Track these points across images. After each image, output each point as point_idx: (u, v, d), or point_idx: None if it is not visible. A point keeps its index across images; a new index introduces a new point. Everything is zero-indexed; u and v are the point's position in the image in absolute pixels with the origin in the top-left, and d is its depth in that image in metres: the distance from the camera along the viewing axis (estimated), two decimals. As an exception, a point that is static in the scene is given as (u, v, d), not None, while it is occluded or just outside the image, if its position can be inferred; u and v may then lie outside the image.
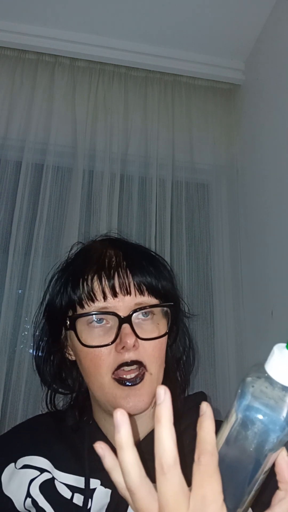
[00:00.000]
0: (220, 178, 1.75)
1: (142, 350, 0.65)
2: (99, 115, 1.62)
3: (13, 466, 0.70)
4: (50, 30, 1.60)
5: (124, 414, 0.40)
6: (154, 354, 0.66)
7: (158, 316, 0.69)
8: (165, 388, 0.40)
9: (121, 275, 0.66)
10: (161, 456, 0.38)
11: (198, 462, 0.39)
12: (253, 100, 1.67)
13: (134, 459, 0.39)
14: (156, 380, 0.66)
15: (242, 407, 0.40)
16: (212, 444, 0.39)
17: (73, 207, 1.50)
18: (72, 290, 0.68)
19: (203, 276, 1.60)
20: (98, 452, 0.42)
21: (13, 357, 1.35)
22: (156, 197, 1.58)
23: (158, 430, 0.39)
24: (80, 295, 0.66)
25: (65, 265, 0.76)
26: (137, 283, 0.67)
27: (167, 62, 1.69)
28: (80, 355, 0.67)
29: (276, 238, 1.38)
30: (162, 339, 0.68)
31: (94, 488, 0.65)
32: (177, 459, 0.38)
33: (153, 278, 0.68)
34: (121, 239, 0.79)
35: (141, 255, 0.72)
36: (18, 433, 0.76)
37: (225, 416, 0.44)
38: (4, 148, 1.54)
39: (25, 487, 0.67)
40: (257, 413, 0.39)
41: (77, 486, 0.66)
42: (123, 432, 0.39)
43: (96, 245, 0.75)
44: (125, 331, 0.63)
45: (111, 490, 0.64)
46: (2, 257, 1.45)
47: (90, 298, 0.66)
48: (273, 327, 1.35)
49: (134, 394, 0.63)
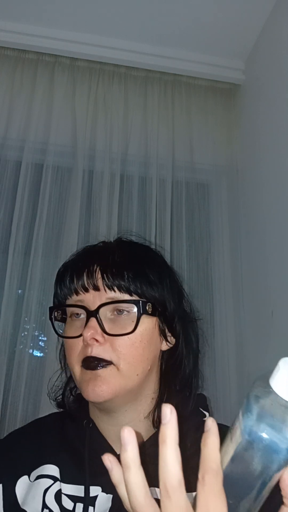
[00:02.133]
0: (220, 178, 1.75)
1: (108, 347, 0.65)
2: (99, 115, 1.62)
3: (27, 479, 0.69)
4: (50, 30, 1.60)
5: (131, 432, 0.39)
6: (122, 351, 0.65)
7: (133, 314, 0.67)
8: (171, 407, 0.39)
9: (92, 271, 0.69)
10: (166, 478, 0.37)
11: (202, 481, 0.38)
12: (253, 100, 1.67)
13: (140, 480, 0.39)
14: (126, 377, 0.65)
15: (248, 426, 0.39)
16: (216, 463, 0.38)
17: (73, 207, 1.50)
18: (58, 287, 0.72)
19: (203, 276, 1.59)
20: (106, 464, 0.42)
21: (13, 357, 1.35)
22: (156, 197, 1.58)
23: (162, 451, 0.38)
24: (60, 291, 0.71)
25: None
26: (107, 279, 0.68)
27: (167, 62, 1.69)
28: None
29: (276, 238, 1.38)
30: (135, 337, 0.66)
31: (96, 496, 0.64)
32: (182, 481, 0.38)
33: (125, 282, 0.68)
34: (124, 243, 0.79)
35: (126, 257, 0.72)
36: (25, 442, 0.74)
37: (229, 428, 0.43)
38: (4, 148, 1.53)
39: (40, 497, 0.66)
40: (263, 433, 0.38)
41: (78, 495, 0.65)
42: (129, 451, 0.39)
43: (87, 249, 0.78)
44: (88, 324, 0.65)
45: (112, 495, 0.64)
46: (2, 257, 1.44)
47: (67, 293, 0.70)
48: (273, 327, 1.35)
49: (95, 379, 0.64)
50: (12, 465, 0.70)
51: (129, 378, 0.66)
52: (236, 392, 1.48)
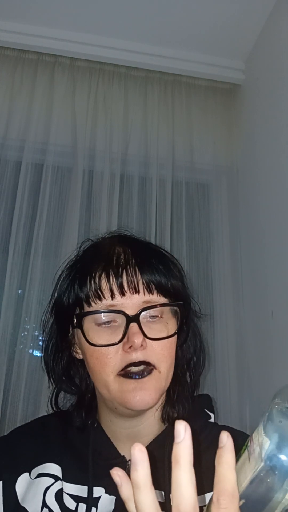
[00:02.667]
0: (220, 178, 1.75)
1: (150, 350, 0.63)
2: (99, 115, 1.62)
3: (28, 476, 0.68)
4: (50, 30, 1.59)
5: (142, 450, 0.37)
6: (163, 353, 0.65)
7: (167, 316, 0.67)
8: (186, 424, 0.37)
9: (130, 272, 0.65)
10: (179, 503, 0.36)
11: (217, 504, 0.36)
12: (253, 100, 1.67)
13: (151, 500, 0.37)
14: (165, 379, 0.65)
15: (269, 450, 0.37)
16: (233, 485, 0.36)
17: (73, 207, 1.50)
18: (80, 288, 0.67)
19: (203, 276, 1.59)
20: (115, 480, 0.40)
21: (13, 357, 1.35)
22: (156, 197, 1.58)
23: (176, 473, 0.36)
24: (87, 292, 0.65)
25: (73, 262, 0.74)
26: (146, 281, 0.65)
27: (167, 62, 1.69)
28: (87, 353, 0.66)
29: (276, 238, 1.38)
30: (171, 339, 0.66)
31: (99, 496, 0.64)
32: (196, 506, 0.36)
33: (162, 277, 0.67)
34: (131, 236, 0.78)
35: (150, 253, 0.71)
36: (27, 439, 0.74)
37: (246, 443, 0.41)
38: (4, 148, 1.53)
39: (40, 496, 0.66)
40: (286, 457, 0.36)
41: (81, 495, 0.65)
42: (140, 471, 0.37)
43: (104, 242, 0.74)
44: (132, 330, 0.62)
45: (116, 497, 0.63)
46: (2, 257, 1.44)
47: (97, 296, 0.64)
48: (273, 327, 1.35)
49: (141, 387, 0.62)
50: (13, 462, 0.70)
51: (167, 379, 0.66)
52: (236, 392, 1.48)
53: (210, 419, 0.75)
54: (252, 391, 1.45)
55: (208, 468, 0.40)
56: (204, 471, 0.43)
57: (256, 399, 1.42)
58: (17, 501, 0.66)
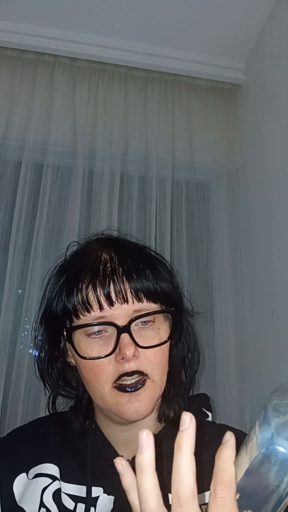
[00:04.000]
0: (220, 178, 1.75)
1: (143, 359, 0.63)
2: (99, 115, 1.62)
3: (25, 476, 0.68)
4: (50, 30, 1.60)
5: (150, 435, 0.38)
6: (156, 361, 0.64)
7: (159, 320, 0.66)
8: (191, 416, 0.38)
9: (117, 282, 0.63)
10: (179, 487, 0.37)
11: (214, 494, 0.37)
12: (253, 100, 1.67)
13: (154, 485, 0.38)
14: (159, 386, 0.65)
15: (264, 439, 0.38)
16: (230, 476, 0.37)
17: (73, 207, 1.50)
18: (67, 299, 0.65)
19: (203, 276, 1.59)
20: (118, 469, 0.41)
21: (13, 357, 1.35)
22: (156, 197, 1.58)
23: (177, 458, 0.37)
24: (75, 305, 0.64)
25: (61, 268, 0.73)
26: (134, 290, 0.64)
27: (167, 62, 1.69)
28: (80, 364, 0.66)
29: (277, 238, 1.38)
30: (164, 345, 0.66)
31: (97, 496, 0.64)
32: (195, 491, 0.37)
33: (150, 282, 0.65)
34: (118, 239, 0.76)
35: (137, 258, 0.68)
36: (25, 440, 0.74)
37: (245, 440, 0.42)
38: (4, 148, 1.53)
39: (38, 496, 0.66)
40: (281, 447, 0.37)
41: (79, 495, 0.65)
42: (146, 455, 0.38)
43: (91, 247, 0.71)
44: (124, 341, 0.61)
45: (114, 497, 0.63)
46: (2, 257, 1.44)
47: (85, 308, 0.63)
48: (273, 327, 1.35)
49: (135, 399, 0.62)
50: (11, 463, 0.70)
51: (161, 386, 0.66)
52: (236, 392, 1.48)
53: (208, 418, 0.75)
54: (252, 391, 1.45)
55: (207, 466, 0.41)
56: (203, 469, 0.43)
57: (256, 399, 1.42)
58: (14, 501, 0.66)
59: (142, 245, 0.76)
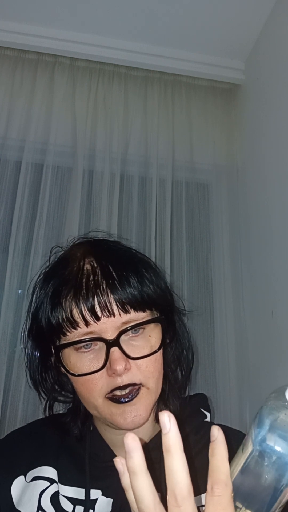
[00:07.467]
0: (220, 178, 1.75)
1: (135, 370, 0.61)
2: (99, 115, 1.62)
3: (23, 479, 0.68)
4: (50, 30, 1.60)
5: (135, 439, 0.39)
6: (149, 370, 0.63)
7: (149, 327, 0.64)
8: (169, 414, 0.38)
9: (101, 296, 0.61)
10: (175, 487, 0.37)
11: (211, 492, 0.37)
12: (253, 100, 1.67)
13: (148, 485, 0.38)
14: (154, 393, 0.64)
15: (259, 437, 0.38)
16: (226, 474, 0.38)
17: (73, 207, 1.50)
18: (51, 314, 0.63)
19: (203, 276, 1.59)
20: (118, 468, 0.41)
21: (13, 357, 1.35)
22: (156, 197, 1.58)
23: (168, 461, 0.37)
24: (59, 322, 0.62)
25: (44, 277, 0.70)
26: (120, 302, 0.61)
27: (167, 62, 1.69)
28: (72, 379, 0.65)
29: (276, 238, 1.38)
30: (158, 352, 0.64)
31: (96, 499, 0.64)
32: (191, 490, 0.37)
33: (136, 290, 0.63)
34: (100, 243, 0.73)
35: (121, 265, 0.65)
36: (23, 442, 0.73)
37: (242, 443, 0.42)
38: (4, 148, 1.53)
39: (36, 499, 0.65)
40: (275, 445, 0.38)
41: (78, 498, 0.65)
42: (135, 458, 0.38)
43: (73, 254, 0.69)
44: (114, 356, 0.60)
45: (113, 499, 0.63)
46: (2, 257, 1.44)
47: (71, 326, 0.61)
48: (273, 327, 1.35)
49: (130, 410, 0.61)
50: (9, 466, 0.70)
51: (157, 391, 0.65)
52: (236, 392, 1.48)
53: (206, 419, 0.74)
54: (252, 391, 1.45)
55: (204, 467, 0.41)
56: (200, 470, 0.43)
57: (256, 399, 1.42)
58: (12, 504, 0.66)
59: (125, 248, 0.73)
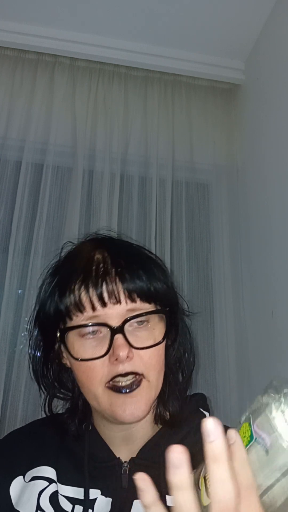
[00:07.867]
0: (220, 178, 1.75)
1: (137, 360, 0.62)
2: (99, 115, 1.62)
3: (22, 479, 0.68)
4: (50, 30, 1.60)
5: (182, 452, 0.37)
6: (151, 362, 0.63)
7: (154, 321, 0.65)
8: (215, 421, 0.38)
9: (109, 282, 0.62)
10: (222, 498, 0.36)
11: (238, 498, 0.37)
12: (253, 100, 1.67)
13: (192, 501, 0.37)
14: (154, 387, 0.64)
15: (259, 427, 0.40)
16: (250, 478, 0.38)
17: (73, 207, 1.50)
18: (60, 300, 0.65)
19: (203, 276, 1.59)
20: (138, 485, 0.39)
21: (13, 357, 1.35)
22: (156, 197, 1.58)
23: (215, 471, 0.37)
24: (67, 306, 0.63)
25: (54, 269, 0.72)
26: (127, 290, 0.63)
27: (167, 62, 1.69)
28: (73, 366, 0.65)
29: (277, 238, 1.38)
30: (159, 345, 0.64)
31: (95, 498, 0.64)
32: (238, 501, 0.37)
33: (144, 283, 0.64)
34: (112, 239, 0.75)
35: (131, 258, 0.68)
36: (22, 443, 0.74)
37: (246, 436, 0.43)
38: (4, 148, 1.54)
39: (34, 499, 0.65)
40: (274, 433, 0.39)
41: (77, 497, 0.65)
42: (182, 472, 0.37)
43: (84, 247, 0.71)
44: (117, 342, 0.60)
45: (112, 499, 0.63)
46: (2, 257, 1.45)
47: (78, 309, 0.62)
48: (273, 327, 1.35)
49: (131, 401, 0.61)
50: (8, 466, 0.70)
51: (157, 387, 0.65)
52: (236, 392, 1.48)
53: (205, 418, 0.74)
54: (252, 391, 1.45)
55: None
56: None
57: (256, 399, 1.42)
58: (11, 504, 0.66)
59: (136, 245, 0.75)
